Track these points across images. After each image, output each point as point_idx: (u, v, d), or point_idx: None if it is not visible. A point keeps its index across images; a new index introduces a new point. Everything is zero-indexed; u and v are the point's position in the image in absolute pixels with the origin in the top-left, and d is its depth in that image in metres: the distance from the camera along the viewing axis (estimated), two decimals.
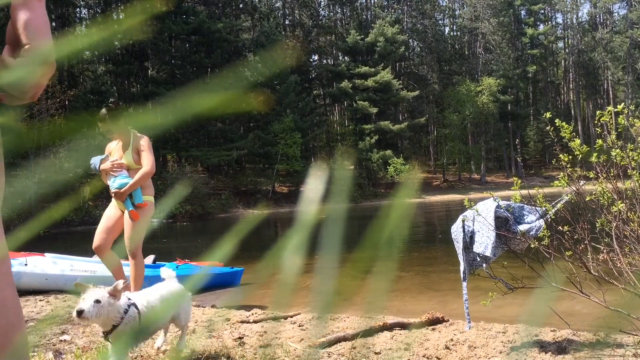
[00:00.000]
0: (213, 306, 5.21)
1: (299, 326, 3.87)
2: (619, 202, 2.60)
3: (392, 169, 42.60)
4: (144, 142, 4.22)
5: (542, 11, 61.69)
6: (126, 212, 4.14)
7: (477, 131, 52.55)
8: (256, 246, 10.34)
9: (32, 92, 0.93)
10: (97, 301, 2.40)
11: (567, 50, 63.77)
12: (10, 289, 0.96)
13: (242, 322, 4.06)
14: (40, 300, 5.31)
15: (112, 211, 4.28)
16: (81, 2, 37.83)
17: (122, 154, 4.21)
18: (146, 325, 2.63)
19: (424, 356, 3.02)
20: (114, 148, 4.28)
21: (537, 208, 3.15)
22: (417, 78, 53.77)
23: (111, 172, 4.17)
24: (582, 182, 2.85)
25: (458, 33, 62.68)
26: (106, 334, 2.49)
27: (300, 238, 0.66)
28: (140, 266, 4.18)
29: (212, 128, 37.51)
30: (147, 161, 4.18)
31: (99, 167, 4.21)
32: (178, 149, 35.94)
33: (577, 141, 2.77)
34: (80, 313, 2.31)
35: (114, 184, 4.17)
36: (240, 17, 44.29)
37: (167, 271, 3.08)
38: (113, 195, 4.20)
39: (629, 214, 2.58)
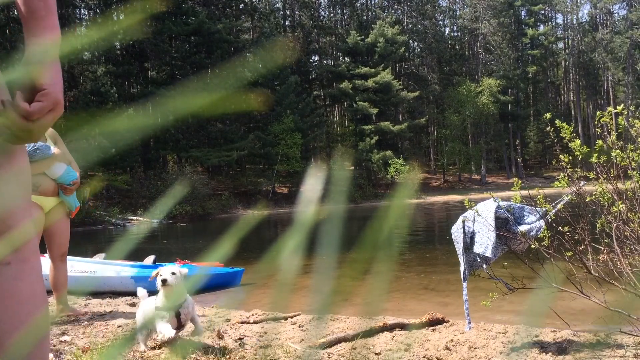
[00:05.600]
0: (213, 306, 5.21)
1: (299, 327, 3.87)
2: (619, 202, 2.60)
3: (392, 169, 42.60)
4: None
5: (543, 12, 61.71)
6: (57, 210, 3.74)
7: (477, 132, 52.56)
8: (256, 246, 10.35)
9: (38, 133, 0.94)
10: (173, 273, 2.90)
11: (567, 51, 63.78)
12: (40, 285, 1.05)
13: (242, 322, 4.06)
14: None
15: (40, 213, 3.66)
16: (81, 2, 37.85)
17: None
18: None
19: (424, 357, 3.02)
20: None
21: (537, 209, 3.15)
22: (418, 79, 53.78)
23: (58, 160, 3.66)
24: (582, 183, 2.85)
25: (458, 34, 62.74)
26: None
27: (299, 238, 0.66)
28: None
29: (212, 129, 37.51)
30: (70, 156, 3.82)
31: (52, 151, 3.64)
32: (178, 150, 35.94)
33: (577, 142, 2.77)
34: (164, 282, 2.83)
35: (66, 175, 3.70)
36: (240, 17, 44.29)
37: (141, 291, 3.28)
38: (65, 189, 3.73)
39: (629, 214, 2.58)
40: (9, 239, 0.96)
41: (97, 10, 37.00)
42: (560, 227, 2.77)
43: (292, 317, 4.17)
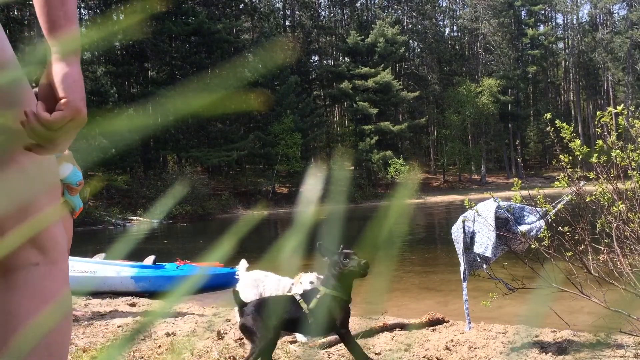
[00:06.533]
0: (213, 306, 5.21)
1: None
2: (619, 202, 2.60)
3: (392, 169, 42.58)
4: None
5: (543, 12, 61.69)
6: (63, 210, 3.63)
7: (477, 132, 52.54)
8: (256, 246, 10.33)
9: (62, 143, 0.95)
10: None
11: (567, 51, 63.77)
12: (67, 287, 1.04)
13: None
14: None
15: None
16: (81, 3, 37.84)
17: None
18: None
19: (424, 357, 3.02)
20: None
21: (537, 209, 3.14)
22: (418, 79, 53.76)
23: (65, 161, 3.60)
24: (582, 183, 2.85)
25: (458, 34, 62.72)
26: None
27: (300, 238, 0.66)
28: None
29: (212, 129, 37.50)
30: None
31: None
32: (178, 150, 35.93)
33: (578, 142, 2.77)
34: None
35: (73, 176, 3.67)
36: (240, 17, 44.28)
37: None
38: (71, 190, 3.72)
39: (629, 214, 2.58)
40: (30, 228, 0.97)
41: (97, 10, 37.00)
42: (560, 227, 2.77)
43: None
